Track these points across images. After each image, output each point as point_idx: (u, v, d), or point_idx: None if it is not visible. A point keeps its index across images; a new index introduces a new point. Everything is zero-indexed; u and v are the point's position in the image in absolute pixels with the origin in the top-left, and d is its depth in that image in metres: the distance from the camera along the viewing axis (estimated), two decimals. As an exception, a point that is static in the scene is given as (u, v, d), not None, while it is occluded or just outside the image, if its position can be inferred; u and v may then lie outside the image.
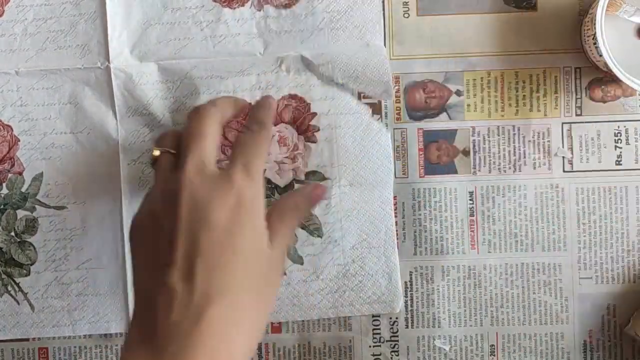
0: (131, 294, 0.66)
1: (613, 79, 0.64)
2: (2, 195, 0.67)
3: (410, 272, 0.67)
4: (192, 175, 0.53)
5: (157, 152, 0.57)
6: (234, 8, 0.66)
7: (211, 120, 0.56)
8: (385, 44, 0.66)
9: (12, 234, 0.67)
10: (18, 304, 0.67)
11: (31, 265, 0.67)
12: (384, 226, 0.66)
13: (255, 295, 0.52)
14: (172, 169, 0.55)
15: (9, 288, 0.67)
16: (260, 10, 0.66)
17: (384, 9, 0.66)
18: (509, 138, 0.66)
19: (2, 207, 0.67)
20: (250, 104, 0.63)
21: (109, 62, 0.65)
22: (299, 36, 0.66)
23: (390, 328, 0.67)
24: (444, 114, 0.66)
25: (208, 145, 0.55)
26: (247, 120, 0.60)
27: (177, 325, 0.49)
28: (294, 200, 0.59)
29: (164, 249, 0.51)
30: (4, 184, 0.67)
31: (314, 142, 0.66)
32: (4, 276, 0.67)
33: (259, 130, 0.57)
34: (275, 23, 0.66)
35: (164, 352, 0.49)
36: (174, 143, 0.57)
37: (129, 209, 0.66)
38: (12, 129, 0.67)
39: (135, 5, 0.65)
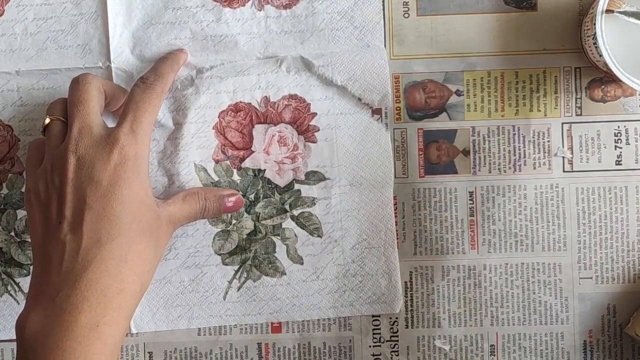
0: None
1: (613, 79, 0.64)
2: (2, 195, 0.67)
3: (410, 272, 0.67)
4: (77, 139, 0.57)
5: (47, 120, 0.60)
6: (235, 8, 0.66)
7: (90, 86, 0.59)
8: (385, 44, 0.66)
9: (12, 233, 0.67)
10: (18, 304, 0.67)
11: (31, 265, 0.66)
12: (384, 226, 0.66)
13: (142, 241, 0.57)
14: (62, 135, 0.59)
15: (9, 288, 0.67)
16: (260, 11, 0.66)
17: (384, 10, 0.66)
18: (509, 138, 0.66)
19: (2, 207, 0.67)
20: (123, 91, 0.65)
21: (109, 62, 0.65)
22: (299, 37, 0.66)
23: (390, 328, 0.67)
24: (444, 114, 0.66)
25: (91, 108, 0.59)
26: (146, 73, 0.62)
27: (68, 273, 0.54)
28: (209, 194, 0.64)
29: (55, 207, 0.56)
30: (4, 184, 0.67)
31: (314, 142, 0.66)
32: (4, 276, 0.67)
33: (153, 83, 0.61)
34: (276, 23, 0.66)
35: (57, 297, 0.53)
36: (64, 111, 0.60)
37: (129, 209, 0.66)
38: (12, 128, 0.67)
39: (136, 4, 0.65)
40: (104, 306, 0.54)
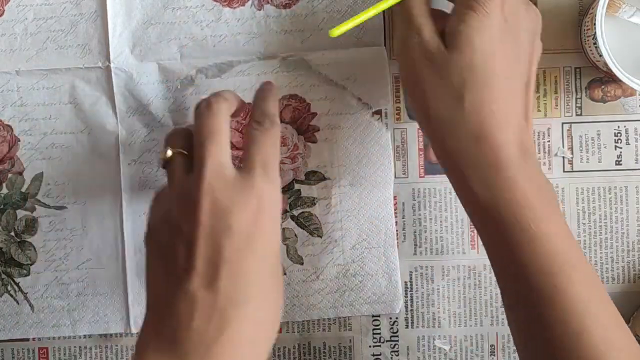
0: (131, 294, 0.66)
1: (613, 79, 0.64)
2: (2, 195, 0.67)
3: (410, 272, 0.67)
4: (212, 179, 0.51)
5: (169, 153, 0.55)
6: (234, 7, 0.66)
7: (223, 116, 0.54)
8: (385, 44, 0.66)
9: (12, 234, 0.67)
10: (18, 304, 0.67)
11: (31, 265, 0.67)
12: (384, 226, 0.66)
13: (274, 297, 0.52)
14: (187, 170, 0.53)
15: (9, 288, 0.67)
16: (260, 10, 0.66)
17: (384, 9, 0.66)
18: (509, 138, 0.66)
19: (2, 207, 0.67)
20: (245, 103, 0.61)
21: (109, 62, 0.65)
22: (299, 36, 0.66)
23: (390, 328, 0.67)
24: (444, 114, 0.66)
25: (224, 144, 0.53)
26: (254, 113, 0.57)
27: (200, 332, 0.48)
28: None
29: (183, 255, 0.50)
30: (4, 184, 0.67)
31: (314, 142, 0.66)
32: (3, 276, 0.67)
33: (271, 126, 0.55)
34: (276, 23, 0.66)
35: (187, 359, 0.48)
36: (185, 142, 0.55)
37: (129, 209, 0.66)
38: (12, 128, 0.67)
39: (136, 4, 0.65)
40: None
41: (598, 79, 0.66)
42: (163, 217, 0.53)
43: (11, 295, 0.67)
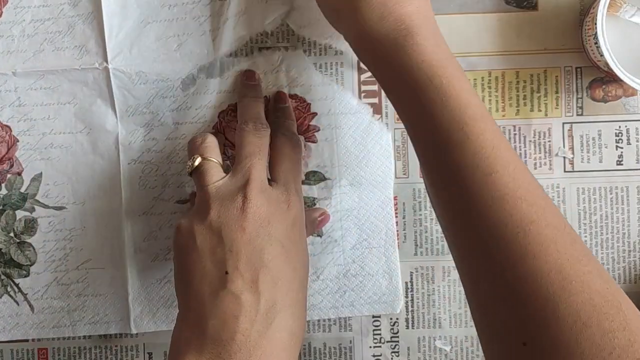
0: (131, 295, 0.66)
1: (614, 79, 0.63)
2: (1, 196, 0.66)
3: (411, 272, 0.67)
4: (257, 190, 0.55)
5: (199, 160, 0.58)
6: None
7: (266, 140, 0.59)
8: None
9: (12, 234, 0.67)
10: (18, 305, 0.67)
11: (31, 266, 0.67)
12: (385, 226, 0.66)
13: (304, 309, 0.56)
14: (220, 177, 0.57)
15: (9, 289, 0.67)
16: None
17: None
18: (509, 138, 0.66)
19: (1, 207, 0.66)
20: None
21: (107, 63, 0.65)
22: (288, 6, 0.66)
23: (391, 329, 0.67)
24: (445, 113, 0.66)
25: (265, 164, 0.58)
26: (281, 127, 0.62)
27: (244, 334, 0.51)
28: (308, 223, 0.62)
29: (224, 259, 0.53)
30: (3, 185, 0.66)
31: (314, 142, 0.66)
32: (3, 277, 0.67)
33: (298, 144, 0.61)
34: None
35: (232, 359, 0.51)
36: (215, 152, 0.59)
37: (129, 209, 0.66)
38: (10, 129, 0.66)
39: (132, 3, 0.65)
40: None
41: (599, 79, 0.66)
42: (199, 219, 0.55)
43: (11, 296, 0.67)
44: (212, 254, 0.54)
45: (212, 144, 0.59)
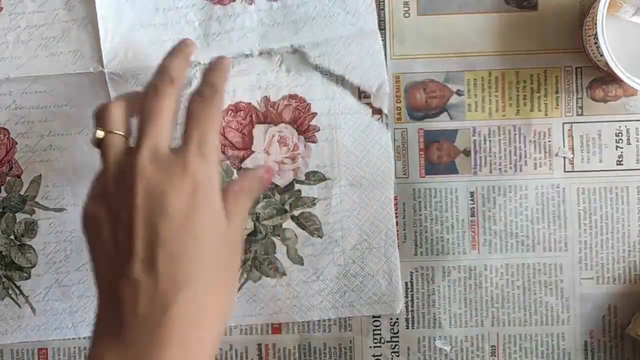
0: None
1: (614, 79, 0.63)
2: (1, 199, 0.66)
3: (411, 272, 0.67)
4: (146, 163, 0.51)
5: (101, 134, 0.53)
6: (225, 4, 0.65)
7: (167, 99, 0.53)
8: (385, 43, 0.66)
9: (12, 237, 0.67)
10: (19, 307, 0.67)
11: (31, 268, 0.66)
12: (385, 227, 0.66)
13: (220, 279, 0.52)
14: (123, 151, 0.53)
15: (10, 291, 0.67)
16: (251, 4, 0.65)
17: (383, 8, 0.66)
18: (509, 138, 0.66)
19: (1, 210, 0.66)
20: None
21: (102, 67, 0.65)
22: (293, 27, 0.65)
23: (391, 329, 0.67)
24: (445, 114, 0.66)
25: (162, 127, 0.52)
26: (199, 86, 0.56)
27: (145, 317, 0.48)
28: (248, 182, 0.57)
29: (123, 240, 0.50)
30: (2, 187, 0.66)
31: (314, 142, 0.66)
32: (4, 280, 0.67)
33: (212, 97, 0.54)
34: (268, 16, 0.65)
35: (134, 345, 0.48)
36: (119, 123, 0.54)
37: (129, 210, 0.66)
38: (8, 132, 0.66)
39: (126, 8, 0.65)
40: (184, 357, 0.49)
41: (599, 79, 0.66)
42: (101, 201, 0.52)
43: (12, 299, 0.67)
44: (112, 237, 0.50)
45: (115, 115, 0.54)
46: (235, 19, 0.65)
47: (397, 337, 0.67)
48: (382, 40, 0.65)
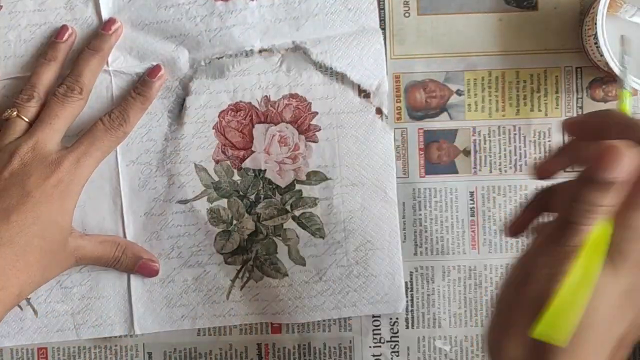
0: (134, 295, 0.66)
1: (614, 79, 0.64)
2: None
3: (411, 272, 0.67)
4: (27, 149, 0.60)
5: (14, 114, 0.62)
6: (227, 0, 0.65)
7: (70, 104, 0.62)
8: (385, 43, 0.65)
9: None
10: (21, 309, 0.66)
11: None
12: (388, 227, 0.65)
13: (38, 255, 0.59)
14: (18, 135, 0.62)
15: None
16: (253, 0, 0.65)
17: (383, 7, 0.66)
18: (509, 138, 0.66)
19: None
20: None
21: (107, 66, 0.65)
22: (294, 24, 0.65)
23: (391, 328, 0.67)
24: (445, 113, 0.66)
25: (56, 128, 0.62)
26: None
27: None
28: (126, 249, 0.65)
29: None
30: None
31: (315, 141, 0.66)
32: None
33: (118, 128, 0.63)
34: (269, 12, 0.65)
35: None
36: (33, 112, 0.63)
37: (129, 210, 0.66)
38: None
39: (128, 6, 0.65)
40: None
41: (599, 79, 0.66)
42: None
43: (15, 302, 0.67)
44: None
45: (31, 100, 0.63)
46: (237, 15, 0.65)
47: (397, 337, 0.67)
48: (377, 20, 0.65)
